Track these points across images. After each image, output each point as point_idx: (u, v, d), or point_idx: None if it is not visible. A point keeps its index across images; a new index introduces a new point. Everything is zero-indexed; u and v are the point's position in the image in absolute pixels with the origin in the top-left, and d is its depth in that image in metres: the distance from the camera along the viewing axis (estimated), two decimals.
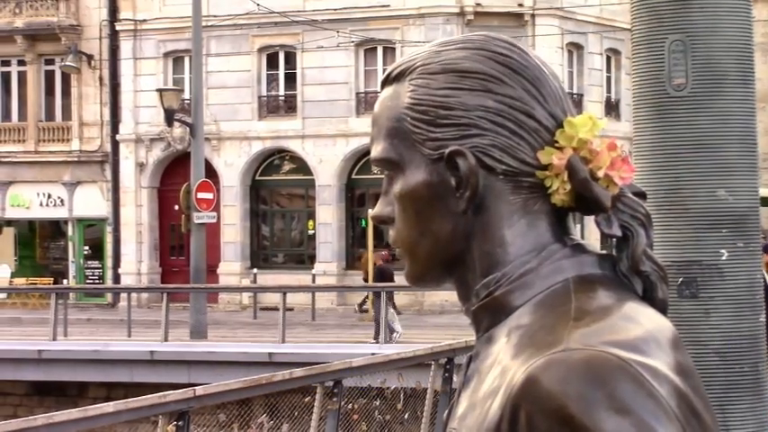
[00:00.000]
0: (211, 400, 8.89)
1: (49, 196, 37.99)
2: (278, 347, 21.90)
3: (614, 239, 1.44)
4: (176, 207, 29.96)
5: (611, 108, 35.10)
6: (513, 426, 1.27)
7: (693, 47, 3.78)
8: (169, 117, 26.05)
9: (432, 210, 1.46)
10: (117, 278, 36.56)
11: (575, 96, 32.85)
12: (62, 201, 37.88)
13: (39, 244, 39.49)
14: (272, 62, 35.33)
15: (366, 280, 28.98)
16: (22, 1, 37.65)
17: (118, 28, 36.53)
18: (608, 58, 35.71)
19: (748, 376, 3.83)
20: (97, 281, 37.42)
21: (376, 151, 1.50)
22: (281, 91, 35.42)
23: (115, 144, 36.84)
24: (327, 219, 34.61)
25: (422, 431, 10.82)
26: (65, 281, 36.29)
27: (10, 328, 27.17)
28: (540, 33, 32.76)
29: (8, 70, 38.85)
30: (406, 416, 13.28)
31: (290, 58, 34.96)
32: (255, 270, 34.38)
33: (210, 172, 30.64)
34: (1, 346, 24.14)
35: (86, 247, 38.01)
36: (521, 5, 33.09)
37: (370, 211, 1.62)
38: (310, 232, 35.53)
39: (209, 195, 25.67)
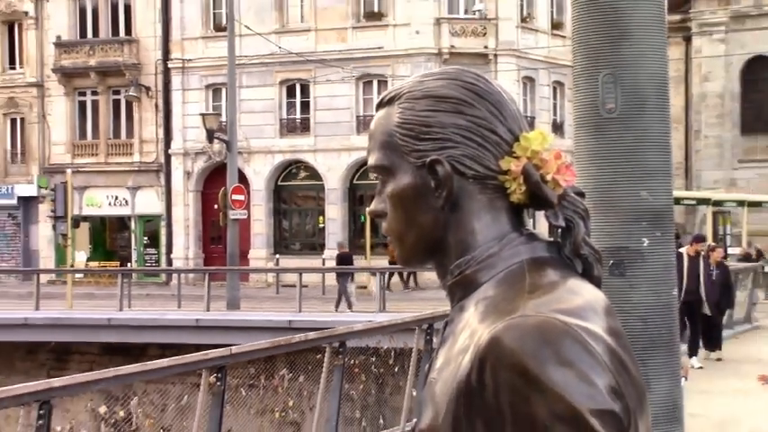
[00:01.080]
0: (244, 357, 8.86)
1: (116, 198, 38.00)
2: (296, 316, 21.88)
3: (560, 229, 1.43)
4: (216, 206, 29.85)
5: (557, 128, 35.07)
6: (480, 376, 1.26)
7: (621, 79, 3.77)
8: (210, 135, 26.03)
9: (416, 206, 1.45)
10: (169, 262, 36.53)
11: (528, 119, 32.70)
12: (126, 201, 37.90)
13: (108, 235, 39.41)
14: (290, 92, 35.29)
15: (392, 263, 28.99)
16: (95, 45, 37.67)
17: (170, 66, 36.48)
18: (554, 89, 35.69)
19: (664, 337, 3.84)
20: (154, 264, 37.40)
21: (372, 160, 1.49)
22: (298, 114, 35.36)
23: (168, 157, 36.80)
24: (334, 215, 34.59)
25: (408, 381, 10.79)
26: (129, 264, 36.34)
27: (86, 301, 27.18)
28: (501, 69, 32.74)
29: (84, 99, 38.81)
30: (395, 369, 13.26)
31: (305, 89, 34.92)
32: (278, 255, 34.40)
33: (242, 178, 30.65)
34: (79, 315, 24.17)
35: (145, 238, 38.00)
36: (486, 47, 33.10)
37: (368, 208, 1.60)
38: (320, 226, 35.49)
39: (242, 197, 25.64)
